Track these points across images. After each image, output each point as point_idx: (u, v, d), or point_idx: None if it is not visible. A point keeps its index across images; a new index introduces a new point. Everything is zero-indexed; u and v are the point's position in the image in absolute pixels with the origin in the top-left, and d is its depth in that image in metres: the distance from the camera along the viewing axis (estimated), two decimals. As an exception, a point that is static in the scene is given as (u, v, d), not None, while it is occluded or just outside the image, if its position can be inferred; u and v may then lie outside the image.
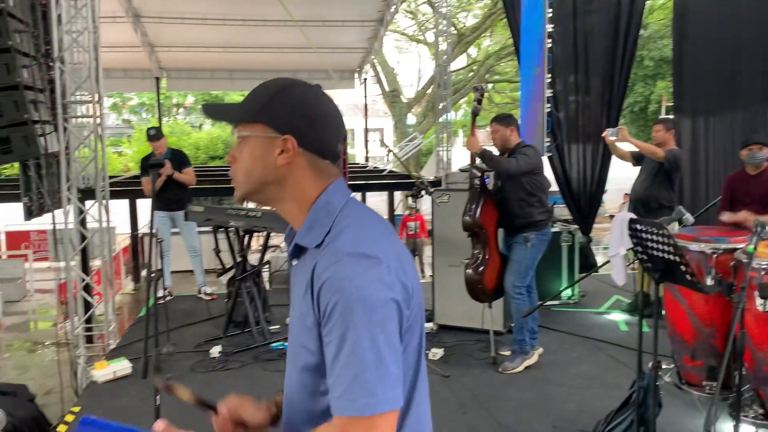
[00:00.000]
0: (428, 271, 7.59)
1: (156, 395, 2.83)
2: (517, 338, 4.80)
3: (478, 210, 4.61)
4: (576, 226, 6.76)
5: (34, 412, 4.91)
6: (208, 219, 5.51)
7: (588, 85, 7.10)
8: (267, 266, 7.29)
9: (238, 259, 5.52)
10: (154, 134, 6.80)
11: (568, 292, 6.53)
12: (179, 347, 5.32)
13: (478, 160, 4.65)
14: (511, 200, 4.65)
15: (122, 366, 4.93)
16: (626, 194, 8.76)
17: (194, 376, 4.84)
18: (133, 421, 3.97)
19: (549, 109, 6.62)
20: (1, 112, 5.26)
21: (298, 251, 1.29)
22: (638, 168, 5.84)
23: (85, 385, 5.13)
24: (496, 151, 4.93)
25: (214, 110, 1.40)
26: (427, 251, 8.16)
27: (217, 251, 5.70)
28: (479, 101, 4.71)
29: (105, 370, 4.86)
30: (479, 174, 4.65)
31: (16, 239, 13.50)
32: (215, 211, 5.53)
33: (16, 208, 6.38)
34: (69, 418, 4.43)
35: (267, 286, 6.67)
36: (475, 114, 4.76)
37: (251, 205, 7.77)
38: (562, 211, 7.18)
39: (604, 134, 5.93)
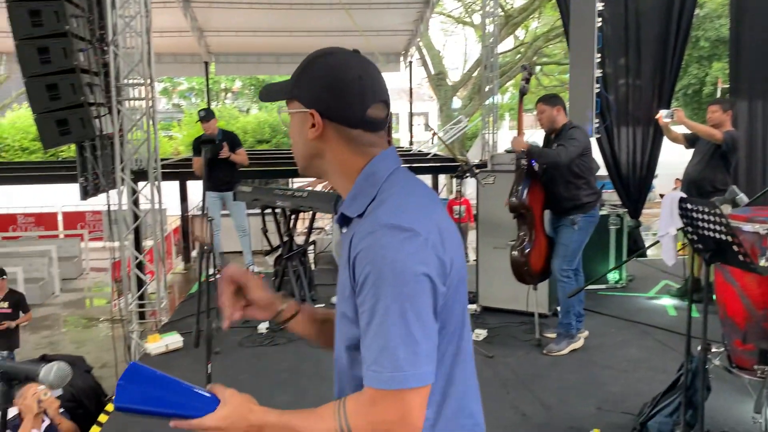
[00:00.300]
0: (472, 256, 7.58)
1: (207, 363, 2.92)
2: (563, 321, 4.76)
3: (525, 191, 4.57)
4: (624, 210, 6.63)
5: (91, 383, 5.15)
6: (255, 199, 5.62)
7: (639, 68, 6.92)
8: (312, 246, 7.39)
9: (285, 239, 5.62)
10: (204, 115, 6.93)
11: (616, 276, 6.43)
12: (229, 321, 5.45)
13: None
14: (558, 182, 4.59)
15: (174, 339, 5.09)
16: (678, 179, 8.55)
17: (242, 350, 4.97)
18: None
19: (598, 90, 6.48)
20: (59, 94, 5.47)
21: (344, 220, 1.29)
22: (691, 151, 5.68)
23: (138, 358, 5.32)
24: (541, 136, 4.88)
25: (266, 91, 1.41)
26: (472, 236, 8.14)
27: (265, 231, 5.81)
28: (527, 80, 4.65)
29: (157, 344, 5.03)
30: (525, 159, 4.60)
31: (72, 219, 14.01)
32: (262, 191, 5.63)
33: (73, 189, 6.63)
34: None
35: (312, 266, 6.76)
36: (522, 93, 4.70)
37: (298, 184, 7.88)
38: (610, 196, 7.05)
39: (657, 116, 5.78)
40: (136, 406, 1.17)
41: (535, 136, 5.01)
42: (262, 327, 5.31)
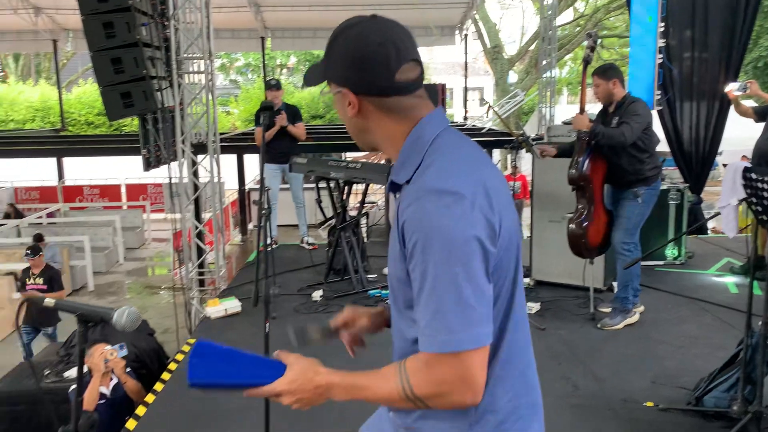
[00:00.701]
0: (526, 233, 7.51)
1: (266, 323, 3.02)
2: (620, 296, 4.69)
3: (585, 163, 4.45)
4: (685, 185, 6.43)
5: (154, 345, 5.38)
6: (310, 170, 5.70)
7: (705, 41, 6.66)
8: (365, 219, 7.46)
9: (338, 210, 5.70)
10: (275, 84, 7.06)
11: (674, 252, 6.28)
12: (284, 290, 5.61)
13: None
14: (621, 156, 4.45)
15: (233, 304, 5.27)
16: (744, 156, 8.22)
17: (298, 317, 5.10)
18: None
19: (661, 60, 6.27)
20: (122, 67, 5.66)
21: (394, 188, 1.30)
22: (761, 125, 5.45)
23: (198, 323, 5.53)
24: (598, 109, 4.75)
25: (307, 75, 1.41)
26: (527, 213, 8.05)
27: (319, 201, 5.90)
28: (592, 49, 4.48)
29: (217, 308, 5.21)
30: (585, 135, 4.46)
31: (135, 191, 14.51)
32: (317, 163, 5.71)
33: (135, 162, 6.86)
34: (185, 348, 4.80)
35: (365, 238, 6.84)
36: (586, 62, 4.53)
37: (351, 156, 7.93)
38: (672, 174, 6.85)
39: (727, 89, 5.56)
40: (209, 381, 1.23)
41: (597, 108, 4.87)
42: (317, 295, 5.43)
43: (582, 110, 4.48)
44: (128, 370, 4.29)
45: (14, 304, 7.86)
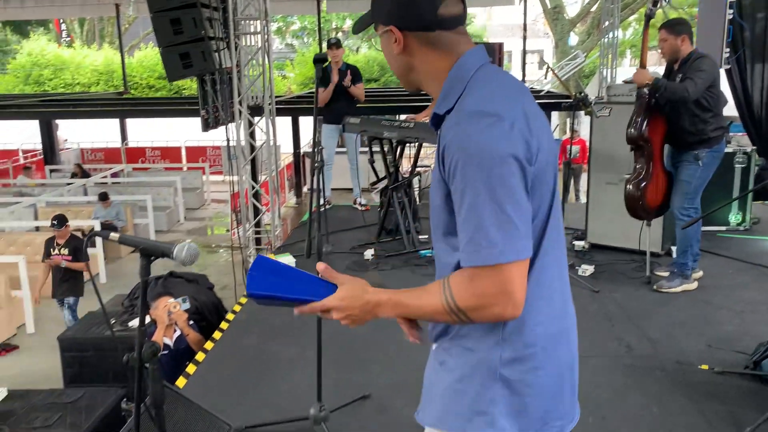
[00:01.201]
0: (583, 199, 7.37)
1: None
2: (679, 261, 4.57)
3: (645, 123, 4.31)
4: (753, 147, 6.16)
5: (213, 299, 5.57)
6: (363, 130, 5.72)
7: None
8: (417, 181, 7.46)
9: (391, 170, 5.72)
10: (335, 42, 7.06)
11: (738, 217, 6.05)
12: (337, 248, 5.70)
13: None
14: (683, 116, 4.28)
15: (288, 260, 5.39)
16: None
17: (349, 274, 5.17)
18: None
19: (731, 15, 5.96)
20: (182, 28, 5.77)
21: (437, 120, 1.34)
22: None
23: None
24: (662, 68, 4.58)
25: (355, 24, 1.47)
26: (584, 179, 7.88)
27: (372, 161, 5.93)
28: (655, 3, 4.32)
29: (272, 263, 5.35)
30: (647, 92, 4.30)
31: (194, 154, 14.90)
32: (370, 122, 5.72)
33: (194, 125, 7.03)
34: (243, 300, 4.96)
35: (417, 199, 6.85)
36: (648, 18, 4.36)
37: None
38: (740, 140, 6.56)
39: None
40: (266, 293, 1.30)
41: (659, 71, 4.68)
42: (368, 254, 5.50)
43: (643, 65, 4.33)
44: (191, 322, 4.45)
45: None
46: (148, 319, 4.44)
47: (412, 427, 2.98)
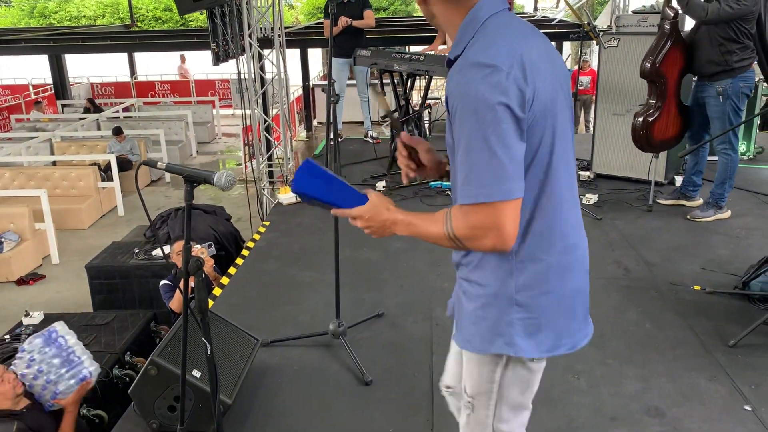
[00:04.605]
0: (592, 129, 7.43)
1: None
2: (716, 192, 4.64)
3: (661, 56, 4.29)
4: (760, 77, 6.16)
5: (231, 229, 5.79)
6: (374, 63, 5.79)
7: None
8: (428, 114, 7.54)
9: (401, 103, 5.82)
10: None
11: (743, 147, 6.15)
12: (349, 180, 5.84)
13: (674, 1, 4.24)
14: (707, 43, 4.22)
15: (301, 192, 5.58)
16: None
17: (361, 205, 5.37)
18: (314, 236, 4.54)
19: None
20: (191, -40, 5.75)
21: (450, 64, 1.47)
22: None
23: (269, 211, 5.90)
24: None
25: None
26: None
27: (383, 94, 6.01)
28: None
29: (288, 195, 5.56)
30: (672, 14, 4.25)
31: (204, 87, 14.89)
32: (381, 55, 5.78)
33: (202, 58, 7.05)
34: (262, 230, 5.17)
35: (428, 132, 6.95)
36: None
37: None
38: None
39: None
40: (307, 191, 1.49)
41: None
42: (380, 185, 5.67)
43: None
44: (215, 267, 4.59)
45: (100, 193, 8.51)
46: (167, 250, 4.60)
47: (420, 342, 3.25)
